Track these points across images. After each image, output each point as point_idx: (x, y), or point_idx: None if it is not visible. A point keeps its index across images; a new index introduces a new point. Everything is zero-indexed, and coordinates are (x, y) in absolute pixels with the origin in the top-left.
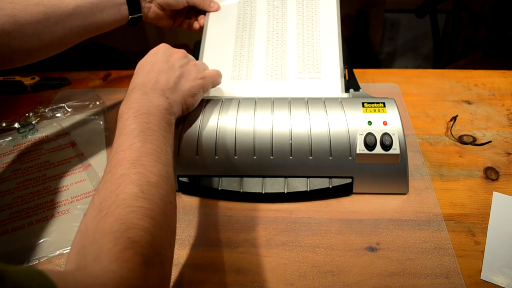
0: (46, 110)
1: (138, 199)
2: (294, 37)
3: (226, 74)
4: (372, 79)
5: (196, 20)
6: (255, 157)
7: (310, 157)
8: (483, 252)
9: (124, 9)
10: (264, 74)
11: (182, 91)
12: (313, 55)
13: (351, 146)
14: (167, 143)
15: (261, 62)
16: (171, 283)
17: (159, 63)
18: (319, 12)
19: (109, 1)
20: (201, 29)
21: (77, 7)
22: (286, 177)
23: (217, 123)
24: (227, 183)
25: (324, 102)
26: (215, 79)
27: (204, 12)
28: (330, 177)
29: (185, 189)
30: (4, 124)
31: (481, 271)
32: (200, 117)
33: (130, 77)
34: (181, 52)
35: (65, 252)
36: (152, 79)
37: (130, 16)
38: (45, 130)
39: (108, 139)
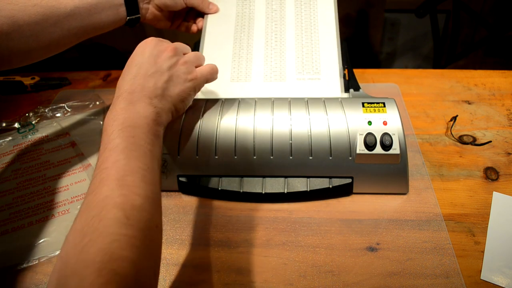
0: (46, 110)
1: (121, 226)
2: (292, 38)
3: (225, 76)
4: (372, 79)
5: (194, 22)
6: (255, 157)
7: (310, 157)
8: (483, 252)
9: (122, 10)
10: (263, 75)
11: (171, 97)
12: (312, 56)
13: (351, 146)
14: (153, 158)
15: (260, 64)
16: (172, 283)
17: (146, 65)
18: (317, 13)
19: (107, 2)
20: (199, 31)
21: (75, 8)
22: (286, 177)
23: (217, 123)
24: (227, 183)
25: (324, 102)
26: (208, 77)
27: (202, 15)
28: (330, 177)
29: (185, 189)
30: (4, 124)
31: (481, 271)
32: (200, 117)
33: None
34: (170, 49)
35: None
36: (138, 85)
37: (128, 17)
38: (45, 130)
39: None
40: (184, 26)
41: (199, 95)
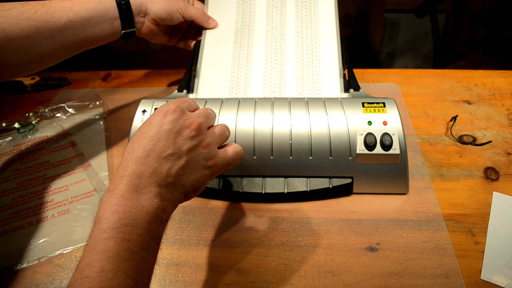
0: (46, 110)
1: None
2: (293, 57)
3: (223, 96)
4: (372, 79)
5: (194, 39)
6: (255, 157)
7: (310, 157)
8: (483, 252)
9: (117, 24)
10: (262, 95)
11: (183, 187)
12: (312, 76)
13: (351, 146)
14: (145, 270)
15: (259, 83)
16: (172, 283)
17: (163, 142)
18: (319, 34)
19: (102, 16)
20: None
21: (69, 22)
22: (286, 177)
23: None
24: (227, 183)
25: (324, 102)
26: (230, 163)
27: (202, 32)
28: (330, 177)
29: None
30: (4, 124)
31: (481, 271)
32: None
33: (130, 77)
34: (194, 127)
35: (65, 252)
36: (149, 167)
37: (123, 31)
38: (45, 130)
39: (108, 139)
40: (182, 42)
41: (199, 95)
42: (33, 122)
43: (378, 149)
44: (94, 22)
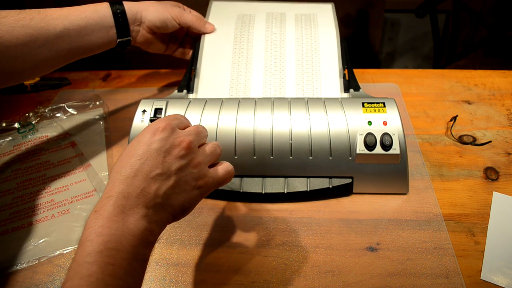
0: (46, 110)
1: None
2: (293, 63)
3: (223, 96)
4: (372, 79)
5: (191, 48)
6: (255, 157)
7: (310, 157)
8: (483, 252)
9: (113, 33)
10: (262, 97)
11: (172, 208)
12: (313, 79)
13: (351, 146)
14: None
15: (259, 90)
16: (172, 283)
17: (151, 161)
18: (319, 37)
19: (98, 24)
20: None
21: (65, 29)
22: (286, 177)
23: (217, 123)
24: (227, 183)
25: (324, 102)
26: (221, 183)
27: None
28: (330, 177)
29: None
30: (4, 124)
31: (481, 271)
32: (200, 117)
33: (130, 77)
34: (184, 147)
35: (65, 252)
36: (136, 188)
37: (118, 40)
38: (45, 130)
39: (108, 139)
40: (179, 52)
41: (199, 95)
42: (33, 122)
43: (378, 149)
44: (89, 31)
